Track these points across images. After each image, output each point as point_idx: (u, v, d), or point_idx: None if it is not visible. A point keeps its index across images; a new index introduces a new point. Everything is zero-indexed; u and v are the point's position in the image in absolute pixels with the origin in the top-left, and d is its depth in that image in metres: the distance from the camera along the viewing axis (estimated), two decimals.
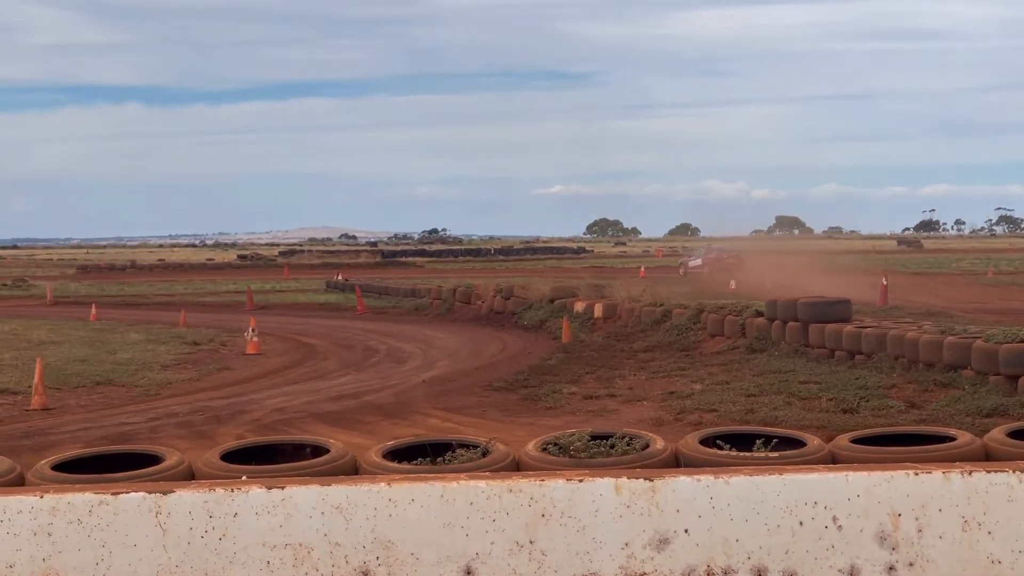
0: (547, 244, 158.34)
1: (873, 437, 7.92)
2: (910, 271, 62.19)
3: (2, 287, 62.48)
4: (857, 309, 23.68)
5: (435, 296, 41.47)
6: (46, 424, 16.93)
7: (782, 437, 7.87)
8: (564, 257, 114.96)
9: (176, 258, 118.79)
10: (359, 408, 18.16)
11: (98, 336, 31.16)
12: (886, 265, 64.88)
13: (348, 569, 6.29)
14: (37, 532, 6.15)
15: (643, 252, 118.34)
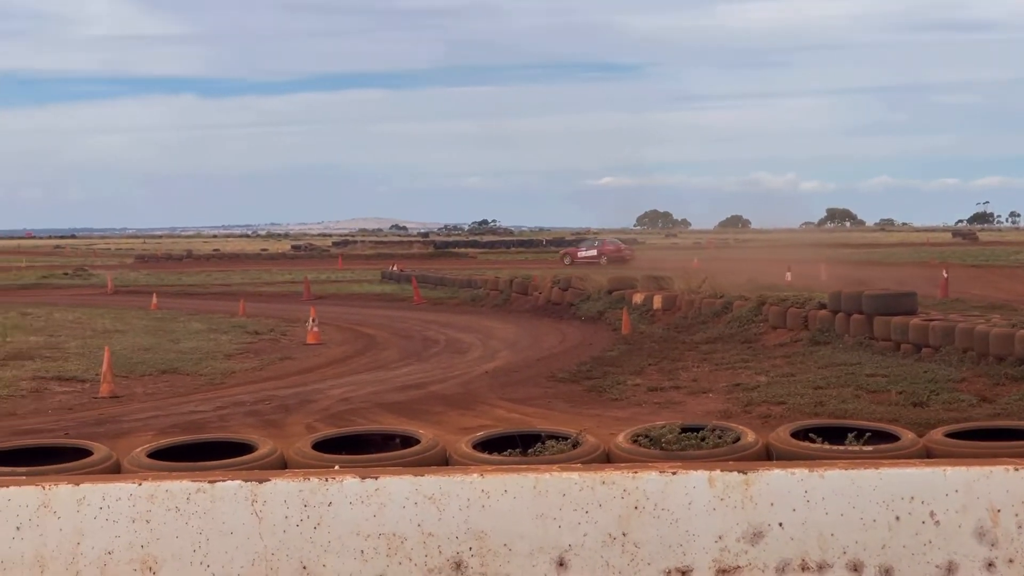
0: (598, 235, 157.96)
1: (967, 432, 7.85)
2: (967, 264, 61.58)
3: (64, 276, 62.96)
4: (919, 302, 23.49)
5: (492, 287, 41.43)
6: (116, 411, 17.05)
7: (874, 431, 7.82)
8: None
9: (231, 248, 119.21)
10: (425, 398, 18.16)
11: (160, 325, 31.34)
12: (941, 257, 64.28)
13: (441, 560, 6.29)
14: (136, 519, 6.18)
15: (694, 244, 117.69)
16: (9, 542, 6.19)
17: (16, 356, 23.57)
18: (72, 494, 6.25)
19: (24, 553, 6.19)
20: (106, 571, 6.20)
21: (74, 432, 14.56)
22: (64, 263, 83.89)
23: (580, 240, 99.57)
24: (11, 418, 16.60)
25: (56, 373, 20.94)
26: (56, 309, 37.66)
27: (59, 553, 6.20)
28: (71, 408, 17.55)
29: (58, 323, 31.97)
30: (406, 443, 7.70)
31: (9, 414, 16.94)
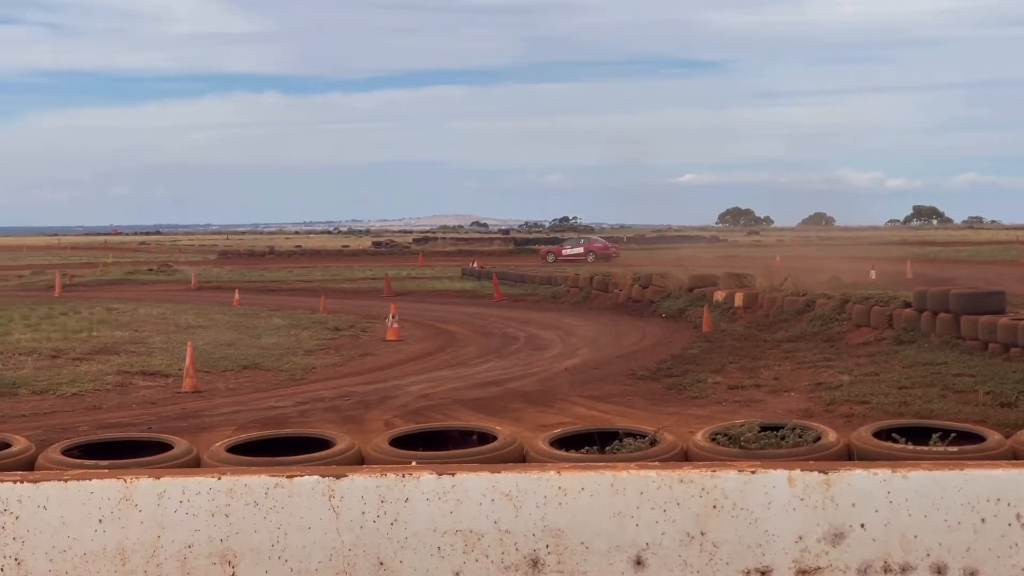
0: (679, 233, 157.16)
1: None
2: None
3: (148, 272, 63.64)
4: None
5: (572, 284, 41.35)
6: (199, 406, 17.20)
7: (960, 431, 7.70)
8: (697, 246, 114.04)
9: (312, 245, 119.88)
10: (504, 395, 18.16)
11: (242, 321, 31.58)
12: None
13: (518, 557, 6.27)
14: (215, 513, 6.22)
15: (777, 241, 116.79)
16: (92, 534, 6.25)
17: (102, 351, 23.87)
18: (153, 487, 6.30)
19: (106, 545, 6.25)
20: (186, 564, 6.24)
21: (157, 426, 14.71)
22: (149, 259, 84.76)
23: (563, 239, 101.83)
24: (96, 412, 16.80)
25: (140, 368, 21.18)
26: (141, 305, 38.07)
27: (140, 546, 6.25)
28: (154, 402, 17.74)
29: (143, 318, 32.32)
30: (483, 440, 7.69)
31: (95, 408, 17.15)
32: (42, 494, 6.26)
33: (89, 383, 19.17)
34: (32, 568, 6.23)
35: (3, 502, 6.25)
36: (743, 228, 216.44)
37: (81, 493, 6.29)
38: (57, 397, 17.99)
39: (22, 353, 23.45)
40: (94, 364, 21.69)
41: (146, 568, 6.25)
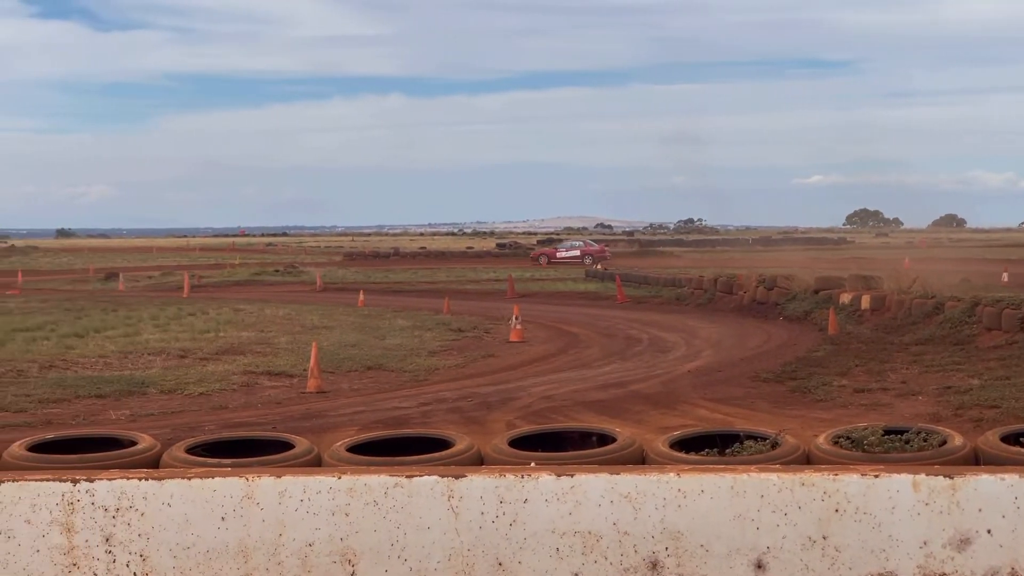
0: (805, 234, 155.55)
1: None
2: None
3: (275, 273, 64.50)
4: None
5: (696, 286, 41.13)
6: (323, 406, 17.37)
7: None
8: (824, 247, 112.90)
9: (437, 246, 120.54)
10: (626, 397, 18.11)
11: (366, 322, 31.85)
12: None
13: (637, 559, 6.24)
14: (335, 512, 6.26)
15: (906, 243, 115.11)
16: (214, 532, 6.32)
17: (228, 351, 24.22)
18: (274, 486, 6.36)
19: (228, 543, 6.32)
20: (307, 563, 6.29)
21: (281, 426, 14.87)
22: (275, 260, 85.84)
23: (550, 241, 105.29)
24: (222, 411, 17.05)
25: (266, 368, 21.46)
26: (267, 305, 38.57)
27: (262, 544, 6.31)
28: (279, 402, 17.95)
29: (269, 319, 32.75)
30: (603, 441, 7.66)
31: (221, 407, 17.40)
32: (166, 491, 6.35)
33: (215, 383, 19.46)
34: (156, 564, 6.32)
35: (128, 499, 6.35)
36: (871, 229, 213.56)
37: (204, 491, 6.36)
38: (184, 396, 18.28)
39: (151, 353, 23.90)
40: (221, 364, 22.03)
41: (267, 566, 6.31)
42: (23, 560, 6.29)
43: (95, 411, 16.90)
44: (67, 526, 6.31)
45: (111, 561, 6.31)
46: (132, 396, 18.23)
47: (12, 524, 6.31)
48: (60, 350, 24.53)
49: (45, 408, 17.09)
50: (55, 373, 20.91)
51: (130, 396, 18.22)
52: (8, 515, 6.32)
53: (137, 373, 20.74)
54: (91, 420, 16.01)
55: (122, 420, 15.96)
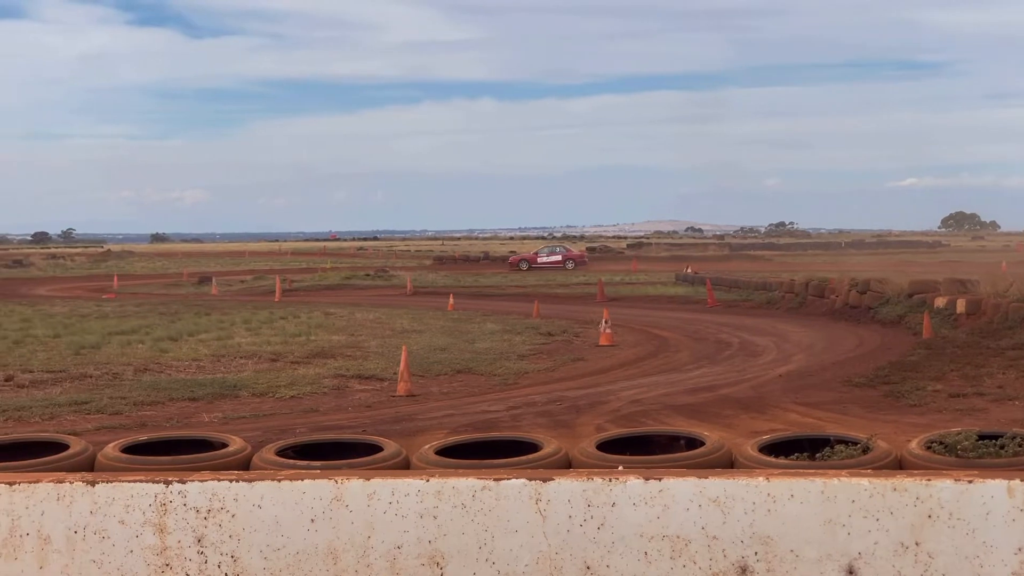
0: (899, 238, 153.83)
1: None
2: None
3: (365, 277, 64.87)
4: None
5: (787, 290, 40.81)
6: (412, 410, 17.44)
7: None
8: (918, 251, 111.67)
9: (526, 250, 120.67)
10: (716, 401, 18.02)
11: (456, 325, 31.95)
12: None
13: (725, 563, 6.20)
14: (423, 515, 6.28)
15: (1003, 247, 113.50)
16: (304, 534, 6.37)
17: (319, 354, 24.40)
18: (363, 488, 6.39)
19: (318, 545, 6.36)
20: (395, 565, 6.31)
21: (371, 429, 14.93)
22: (366, 264, 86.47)
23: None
24: (313, 414, 17.16)
25: (356, 371, 21.59)
26: (358, 309, 38.82)
27: (351, 546, 6.34)
28: (369, 406, 18.04)
29: (359, 323, 32.95)
30: (691, 445, 7.62)
31: (312, 410, 17.52)
32: (257, 493, 6.41)
33: (306, 386, 19.61)
34: (247, 565, 6.37)
35: (220, 500, 6.41)
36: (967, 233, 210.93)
37: (294, 493, 6.41)
38: (276, 399, 18.44)
39: (243, 356, 24.13)
40: (312, 367, 22.21)
41: (356, 568, 6.34)
42: (117, 560, 6.37)
43: (188, 414, 17.10)
44: (160, 527, 6.39)
45: (203, 562, 6.37)
46: (224, 399, 18.43)
47: (107, 524, 6.39)
48: (154, 353, 24.84)
49: (140, 410, 17.32)
50: (149, 376, 21.19)
51: (222, 399, 18.42)
52: (103, 515, 6.40)
53: (229, 376, 20.96)
54: (184, 423, 16.20)
55: (214, 423, 16.14)
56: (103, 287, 58.24)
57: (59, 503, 6.39)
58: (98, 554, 6.34)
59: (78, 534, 6.36)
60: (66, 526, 6.37)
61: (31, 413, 16.94)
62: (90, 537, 6.35)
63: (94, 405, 17.65)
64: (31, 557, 6.34)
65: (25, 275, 77.25)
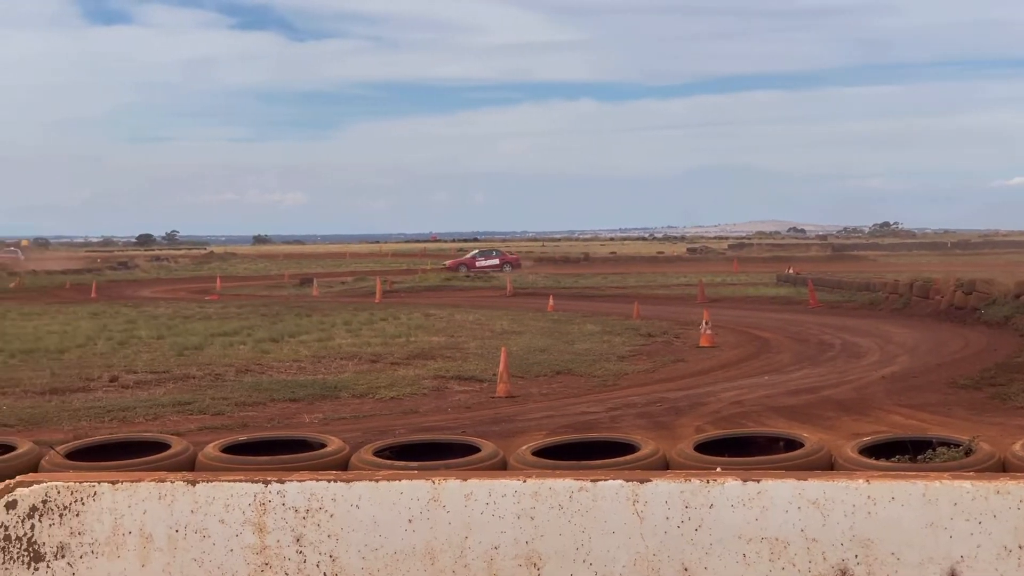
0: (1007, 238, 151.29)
1: None
2: None
3: (466, 279, 65.16)
4: None
5: (890, 290, 40.34)
6: (511, 411, 17.47)
7: None
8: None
9: (627, 251, 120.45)
10: (818, 403, 17.86)
11: (556, 327, 31.95)
12: None
13: (825, 566, 6.13)
14: (521, 516, 6.27)
15: None
16: (402, 534, 6.38)
17: (419, 355, 24.52)
18: (460, 489, 6.39)
19: (415, 545, 6.38)
20: (492, 566, 6.32)
21: (470, 430, 14.98)
22: None
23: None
24: (413, 415, 17.24)
25: (456, 373, 21.67)
26: (457, 310, 38.96)
27: (448, 546, 6.35)
28: (469, 407, 18.10)
29: (459, 324, 33.07)
30: (790, 446, 7.57)
31: (411, 411, 17.61)
32: (355, 493, 6.43)
33: (406, 387, 19.71)
34: (346, 565, 6.41)
35: (319, 500, 6.45)
36: None
37: (392, 493, 6.43)
38: (376, 400, 18.55)
39: (343, 357, 24.31)
40: (411, 369, 22.32)
41: (454, 568, 6.35)
42: (218, 559, 6.43)
43: (289, 414, 17.26)
44: (259, 526, 6.44)
45: (302, 561, 6.41)
46: (325, 400, 18.57)
47: (207, 523, 6.46)
48: (256, 354, 25.11)
49: (241, 411, 17.51)
50: (251, 377, 21.41)
51: (323, 400, 18.56)
52: (203, 515, 6.47)
53: (330, 377, 21.13)
54: (285, 423, 16.35)
55: (315, 423, 16.27)
56: (206, 289, 58.95)
57: (161, 502, 6.47)
58: (199, 553, 6.41)
59: (179, 533, 6.43)
60: (167, 525, 6.44)
61: (135, 413, 17.19)
62: (191, 536, 6.41)
63: (197, 406, 17.89)
64: (133, 555, 6.41)
65: (130, 277, 78.35)
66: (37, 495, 6.40)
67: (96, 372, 22.10)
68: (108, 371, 22.14)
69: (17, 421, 16.64)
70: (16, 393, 19.50)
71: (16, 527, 6.34)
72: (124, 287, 64.81)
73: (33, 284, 64.27)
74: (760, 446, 7.83)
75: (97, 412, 17.38)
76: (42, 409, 17.75)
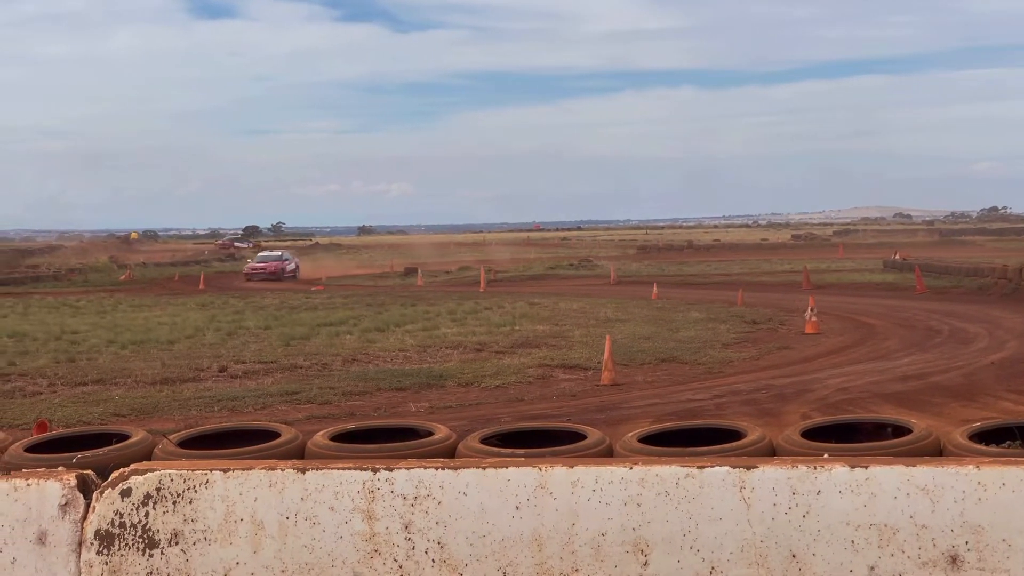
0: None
1: None
2: None
3: (569, 267, 65.24)
4: None
5: (999, 275, 39.76)
6: (616, 399, 17.48)
7: None
8: None
9: (730, 239, 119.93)
10: (925, 389, 17.68)
11: (660, 314, 31.90)
12: None
13: (935, 553, 6.08)
14: (627, 502, 6.28)
15: None
16: (509, 520, 6.42)
17: (524, 344, 24.59)
18: (567, 476, 6.42)
19: (523, 532, 6.41)
20: (599, 552, 6.34)
21: (575, 418, 15.02)
22: (570, 254, 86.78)
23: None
24: (519, 403, 17.31)
25: (561, 361, 21.71)
26: (561, 299, 39.02)
27: (555, 533, 6.38)
28: (574, 395, 18.13)
29: (563, 312, 33.12)
30: (897, 432, 7.50)
31: (517, 399, 17.67)
32: (462, 481, 6.48)
33: (511, 375, 19.79)
34: (454, 552, 6.46)
35: (427, 488, 6.50)
36: None
37: (499, 480, 6.47)
38: (481, 389, 18.64)
39: (449, 347, 24.45)
40: (516, 357, 22.39)
41: (561, 555, 6.38)
42: (328, 545, 6.51)
43: (395, 403, 17.40)
44: (368, 513, 6.50)
45: (410, 548, 6.47)
46: (431, 389, 18.70)
47: (317, 511, 6.54)
48: (362, 344, 25.34)
49: (348, 400, 17.68)
50: (357, 367, 21.61)
51: (429, 389, 18.69)
52: (313, 502, 6.55)
53: (435, 366, 21.27)
54: (392, 412, 16.49)
55: (421, 412, 16.40)
56: (313, 279, 59.48)
57: (271, 489, 6.56)
58: (309, 539, 6.49)
59: (290, 520, 6.51)
60: (278, 512, 6.53)
61: (244, 403, 17.44)
62: (301, 523, 6.50)
63: (304, 395, 18.09)
64: (245, 542, 6.51)
65: (237, 268, 79.27)
66: (151, 483, 6.52)
67: (206, 362, 22.43)
68: (217, 361, 22.47)
69: (130, 411, 16.96)
70: (128, 383, 19.86)
71: (131, 514, 6.47)
72: (232, 278, 65.63)
73: (143, 276, 65.21)
74: (867, 432, 7.77)
75: (207, 401, 17.66)
76: (154, 399, 18.06)
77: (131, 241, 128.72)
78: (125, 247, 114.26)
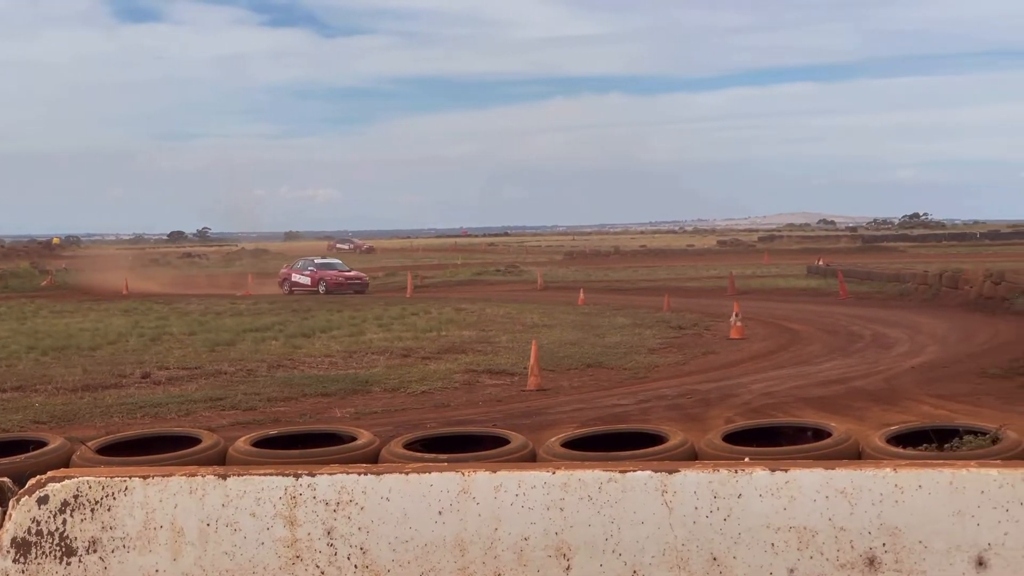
0: None
1: None
2: None
3: (496, 272, 65.26)
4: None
5: (920, 281, 40.22)
6: (542, 404, 17.51)
7: None
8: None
9: (657, 244, 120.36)
10: (847, 393, 17.87)
11: (586, 320, 32.00)
12: None
13: (853, 555, 6.15)
14: (550, 507, 6.31)
15: None
16: (432, 526, 6.42)
17: (450, 349, 24.59)
18: (490, 481, 6.43)
19: (446, 537, 6.42)
20: (522, 557, 6.35)
21: (501, 423, 15.04)
22: (496, 260, 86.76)
23: None
24: (444, 409, 17.31)
25: (487, 366, 21.73)
26: (488, 304, 39.02)
27: (478, 538, 6.39)
28: (500, 400, 18.15)
29: (489, 318, 33.14)
30: (818, 436, 7.58)
31: (443, 405, 17.67)
32: (384, 486, 6.48)
33: (437, 381, 19.78)
34: (376, 557, 6.45)
35: (349, 493, 6.49)
36: None
37: (421, 485, 6.47)
38: (407, 395, 18.63)
39: (375, 352, 24.41)
40: (443, 363, 22.39)
41: (484, 560, 6.39)
42: (249, 552, 6.49)
43: (321, 409, 17.34)
44: (290, 519, 6.49)
45: (332, 554, 6.46)
46: (357, 394, 18.66)
47: (238, 517, 6.51)
48: (288, 350, 25.23)
49: (273, 406, 17.60)
50: (283, 372, 21.52)
51: (355, 394, 18.65)
52: (234, 508, 6.52)
53: (361, 372, 21.22)
54: (317, 418, 16.42)
55: (347, 418, 16.34)
56: (238, 285, 59.10)
57: (192, 496, 6.52)
58: (230, 546, 6.46)
59: (210, 527, 6.48)
60: (199, 519, 6.49)
61: (167, 410, 17.30)
62: (222, 529, 6.47)
63: (229, 401, 17.99)
64: (164, 549, 6.47)
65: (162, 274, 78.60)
66: (69, 490, 6.47)
67: (128, 368, 22.24)
68: (140, 367, 22.28)
69: (50, 418, 16.76)
70: (49, 390, 19.63)
71: (48, 522, 6.41)
72: None
73: (63, 282, 64.52)
74: (788, 436, 7.84)
75: (129, 408, 17.49)
76: (74, 406, 17.88)
77: (53, 247, 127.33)
78: (47, 252, 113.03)
